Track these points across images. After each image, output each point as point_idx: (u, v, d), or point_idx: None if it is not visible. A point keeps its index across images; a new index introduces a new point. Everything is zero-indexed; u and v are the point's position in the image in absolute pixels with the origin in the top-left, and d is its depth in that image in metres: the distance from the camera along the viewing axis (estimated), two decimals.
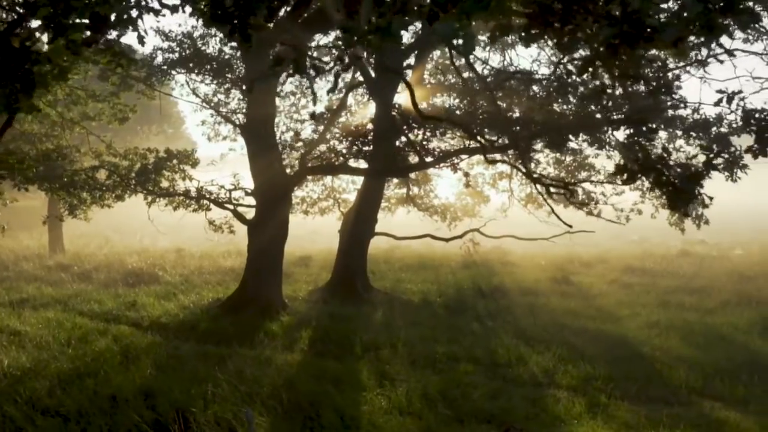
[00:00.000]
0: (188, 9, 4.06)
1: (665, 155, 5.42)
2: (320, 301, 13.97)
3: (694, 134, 9.69)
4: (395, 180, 19.59)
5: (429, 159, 11.58)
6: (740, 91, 5.42)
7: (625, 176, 4.56)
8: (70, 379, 7.78)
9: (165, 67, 14.34)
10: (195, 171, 16.13)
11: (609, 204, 16.83)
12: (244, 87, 12.78)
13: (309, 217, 20.97)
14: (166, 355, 9.25)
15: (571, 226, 11.84)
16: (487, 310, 13.51)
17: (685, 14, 2.55)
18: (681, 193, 3.99)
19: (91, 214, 16.01)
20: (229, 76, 13.93)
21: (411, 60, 14.54)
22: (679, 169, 3.97)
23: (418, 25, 13.98)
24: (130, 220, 15.98)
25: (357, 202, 15.87)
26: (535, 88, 10.76)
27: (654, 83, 6.40)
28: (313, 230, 30.88)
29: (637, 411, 7.40)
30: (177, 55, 14.21)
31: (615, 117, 8.40)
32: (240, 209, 13.87)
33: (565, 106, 9.99)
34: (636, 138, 3.47)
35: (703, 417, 7.31)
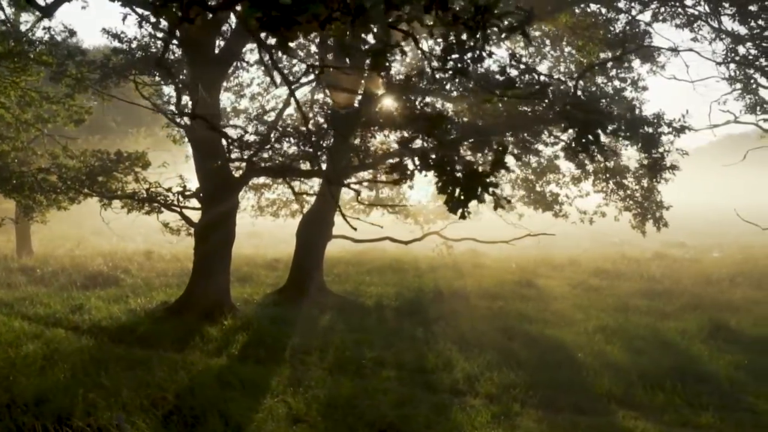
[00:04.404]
0: None
1: (455, 153, 5.21)
2: (270, 305, 13.80)
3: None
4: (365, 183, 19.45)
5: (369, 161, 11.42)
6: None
7: (396, 174, 4.36)
8: None
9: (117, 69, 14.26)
10: (175, 174, 15.88)
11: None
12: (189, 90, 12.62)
13: (297, 220, 20.86)
14: (88, 360, 9.11)
15: (513, 225, 11.62)
16: (438, 313, 13.30)
17: None
18: (466, 193, 3.79)
19: (49, 216, 15.94)
20: (180, 77, 13.79)
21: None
22: (459, 167, 3.77)
23: None
24: (113, 222, 15.96)
25: (314, 204, 15.75)
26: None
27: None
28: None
29: (545, 420, 7.20)
30: (130, 57, 14.15)
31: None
32: (191, 212, 13.72)
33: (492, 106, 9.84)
34: (420, 134, 3.25)
35: (611, 426, 7.10)
